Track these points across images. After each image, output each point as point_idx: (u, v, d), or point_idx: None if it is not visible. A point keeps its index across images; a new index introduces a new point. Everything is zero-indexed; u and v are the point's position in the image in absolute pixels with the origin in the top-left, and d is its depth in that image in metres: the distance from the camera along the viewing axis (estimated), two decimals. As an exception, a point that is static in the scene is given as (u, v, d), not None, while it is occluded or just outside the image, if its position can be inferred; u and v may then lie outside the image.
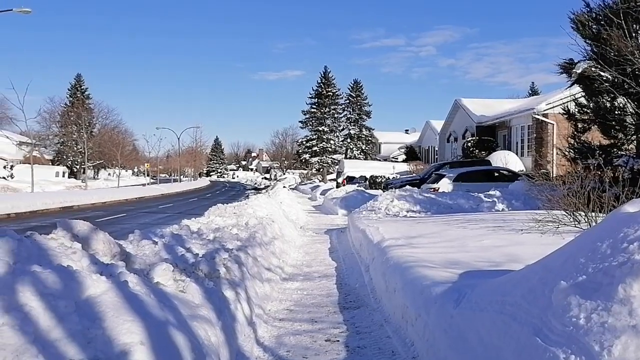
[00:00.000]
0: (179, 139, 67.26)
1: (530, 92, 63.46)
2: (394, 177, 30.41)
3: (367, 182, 32.68)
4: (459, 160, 28.35)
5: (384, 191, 19.26)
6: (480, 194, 14.21)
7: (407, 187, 17.49)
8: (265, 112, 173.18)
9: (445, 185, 18.00)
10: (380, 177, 31.84)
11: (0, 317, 2.41)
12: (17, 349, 2.30)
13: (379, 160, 53.02)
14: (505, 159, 24.02)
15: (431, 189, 17.52)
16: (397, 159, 49.79)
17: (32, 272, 2.74)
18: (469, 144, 29.01)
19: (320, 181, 51.80)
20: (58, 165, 60.74)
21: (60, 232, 3.85)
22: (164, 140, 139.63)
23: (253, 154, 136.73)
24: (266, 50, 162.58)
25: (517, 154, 25.80)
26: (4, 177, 44.51)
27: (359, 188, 25.02)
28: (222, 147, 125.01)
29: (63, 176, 57.20)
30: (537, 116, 23.32)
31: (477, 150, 27.95)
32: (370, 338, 4.63)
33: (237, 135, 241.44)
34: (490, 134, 29.14)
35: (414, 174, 30.03)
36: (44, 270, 2.82)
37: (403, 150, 51.25)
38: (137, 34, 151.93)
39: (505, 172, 19.89)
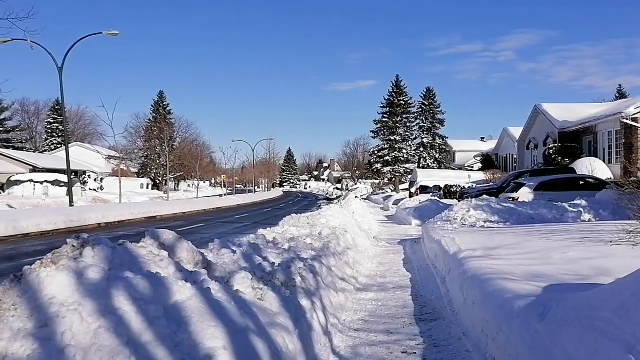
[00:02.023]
0: (253, 150, 69.18)
1: (617, 95, 59.61)
2: (469, 187, 29.54)
3: (442, 192, 31.97)
4: (540, 168, 27.07)
5: (459, 201, 18.76)
6: (564, 204, 13.50)
7: (484, 196, 16.94)
8: (337, 122, 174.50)
9: (525, 194, 17.25)
10: (455, 186, 31.04)
11: (97, 320, 2.59)
12: (112, 350, 2.47)
13: (454, 169, 51.75)
14: (591, 167, 22.66)
15: (510, 198, 16.86)
16: (472, 167, 48.37)
17: (125, 278, 2.93)
18: (551, 151, 27.63)
19: (392, 191, 51.34)
20: (142, 177, 64.34)
21: (149, 241, 4.08)
22: (239, 152, 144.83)
23: (325, 165, 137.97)
24: (339, 62, 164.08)
25: (604, 160, 24.26)
26: (95, 189, 47.77)
27: (433, 198, 24.52)
28: (295, 158, 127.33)
29: (147, 188, 60.52)
30: (625, 120, 21.85)
31: (559, 158, 26.57)
32: (449, 352, 4.51)
33: (309, 146, 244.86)
34: (574, 140, 27.62)
35: (491, 183, 29.04)
36: (135, 277, 3.00)
37: (479, 158, 49.72)
38: (213, 49, 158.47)
39: (591, 180, 18.76)
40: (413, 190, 38.35)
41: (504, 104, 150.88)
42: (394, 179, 61.12)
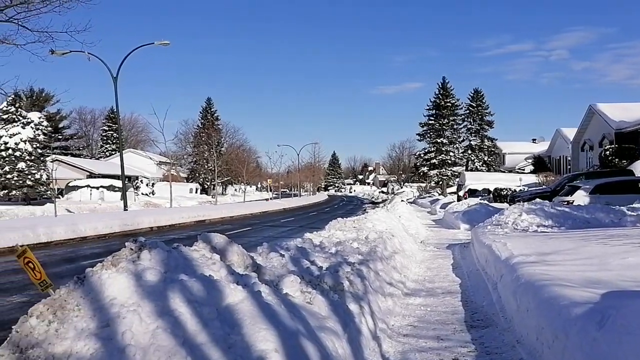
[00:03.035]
0: (298, 155, 70.13)
1: (679, 92, 56.57)
2: (520, 190, 28.75)
3: (491, 195, 31.23)
4: (596, 170, 26.03)
5: (510, 204, 18.27)
6: (622, 207, 12.92)
7: (537, 199, 16.41)
8: (382, 125, 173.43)
9: (580, 197, 16.62)
10: (506, 189, 30.26)
11: (154, 320, 2.69)
12: (169, 351, 2.55)
13: (504, 171, 50.46)
14: (650, 168, 21.61)
15: (564, 201, 16.28)
16: (523, 170, 47.03)
17: (180, 281, 3.02)
18: (607, 152, 26.52)
19: (439, 194, 50.52)
20: (191, 182, 66.06)
21: (201, 244, 4.19)
22: (285, 156, 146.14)
23: (370, 168, 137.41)
24: (386, 65, 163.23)
25: (665, 162, 23.08)
26: (146, 194, 49.40)
27: (482, 201, 23.99)
28: (339, 162, 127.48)
29: (196, 192, 62.08)
30: (689, 119, 20.71)
31: (616, 159, 25.47)
32: (502, 359, 4.40)
33: (353, 149, 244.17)
34: (632, 141, 26.40)
35: (543, 186, 28.15)
36: (189, 279, 3.09)
37: (530, 160, 48.31)
38: (258, 55, 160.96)
39: (651, 182, 17.88)
40: (461, 193, 37.64)
41: (556, 105, 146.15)
42: (441, 182, 60.14)
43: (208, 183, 64.99)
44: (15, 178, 34.51)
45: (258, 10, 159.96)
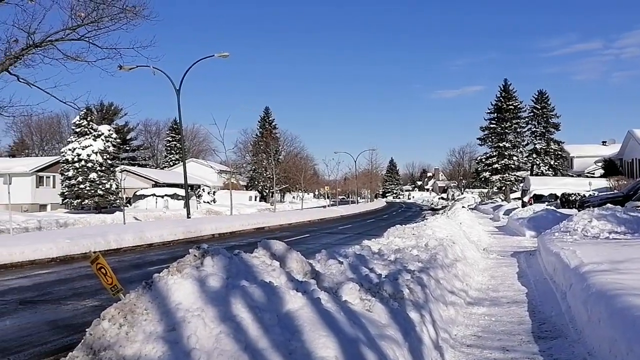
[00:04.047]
0: (355, 161, 69.93)
1: None
2: (590, 195, 27.36)
3: (558, 201, 29.92)
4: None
5: (579, 210, 17.42)
6: None
7: (608, 205, 15.55)
8: (441, 130, 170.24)
9: (656, 202, 15.62)
10: (574, 194, 28.93)
11: (218, 325, 2.75)
12: (232, 355, 2.60)
13: (572, 176, 48.23)
14: None
15: (638, 207, 15.34)
16: (593, 174, 44.79)
17: (241, 287, 3.08)
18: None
19: (502, 200, 49.01)
20: (250, 190, 67.45)
21: (261, 251, 4.26)
22: (342, 163, 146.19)
23: (429, 174, 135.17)
24: (445, 69, 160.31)
25: None
26: (208, 202, 50.87)
27: (548, 207, 23.04)
28: (397, 168, 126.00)
29: (255, 200, 63.31)
30: None
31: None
32: (572, 373, 4.19)
33: (412, 155, 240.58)
34: None
35: (615, 191, 26.68)
36: (250, 285, 3.15)
37: (600, 164, 45.95)
38: (315, 63, 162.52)
39: None
40: (526, 199, 36.29)
41: (628, 105, 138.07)
42: (503, 188, 58.26)
43: (267, 191, 66.15)
44: (88, 188, 36.49)
45: (313, 20, 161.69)
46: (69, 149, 37.27)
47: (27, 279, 10.42)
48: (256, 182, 68.65)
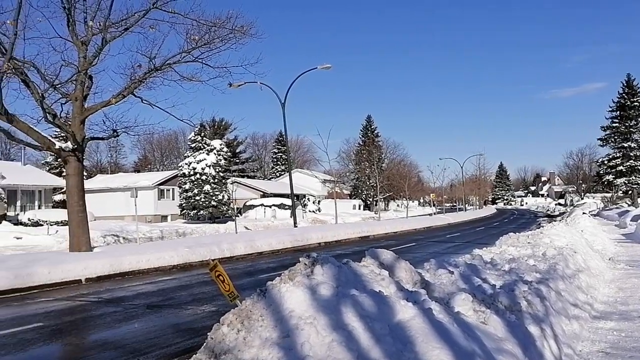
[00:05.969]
0: (462, 167, 67.85)
1: None
2: None
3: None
4: None
5: None
6: None
7: None
8: (556, 132, 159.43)
9: None
10: None
11: (329, 333, 2.77)
12: (344, 363, 2.60)
13: None
14: None
15: None
16: None
17: (351, 296, 3.09)
18: None
19: (629, 205, 44.68)
20: (354, 198, 67.79)
21: (369, 260, 4.25)
22: (447, 170, 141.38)
23: (543, 179, 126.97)
24: (560, 67, 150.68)
25: None
26: (313, 211, 51.96)
27: (685, 212, 20.59)
28: (508, 173, 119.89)
29: (359, 208, 63.52)
30: None
31: None
32: None
33: (523, 159, 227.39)
34: None
35: None
36: (360, 294, 3.14)
37: None
38: (416, 69, 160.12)
39: None
40: (656, 203, 32.76)
41: None
42: (630, 192, 53.11)
43: (370, 199, 66.08)
44: (202, 199, 38.96)
45: (412, 26, 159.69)
46: (186, 163, 40.12)
47: (153, 284, 11.29)
48: (360, 191, 68.88)
